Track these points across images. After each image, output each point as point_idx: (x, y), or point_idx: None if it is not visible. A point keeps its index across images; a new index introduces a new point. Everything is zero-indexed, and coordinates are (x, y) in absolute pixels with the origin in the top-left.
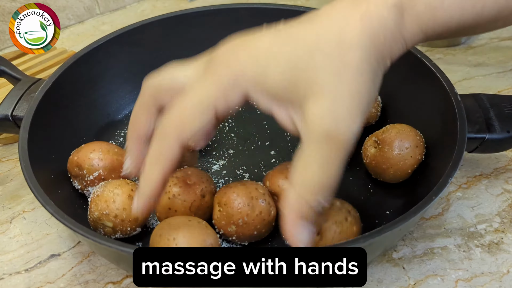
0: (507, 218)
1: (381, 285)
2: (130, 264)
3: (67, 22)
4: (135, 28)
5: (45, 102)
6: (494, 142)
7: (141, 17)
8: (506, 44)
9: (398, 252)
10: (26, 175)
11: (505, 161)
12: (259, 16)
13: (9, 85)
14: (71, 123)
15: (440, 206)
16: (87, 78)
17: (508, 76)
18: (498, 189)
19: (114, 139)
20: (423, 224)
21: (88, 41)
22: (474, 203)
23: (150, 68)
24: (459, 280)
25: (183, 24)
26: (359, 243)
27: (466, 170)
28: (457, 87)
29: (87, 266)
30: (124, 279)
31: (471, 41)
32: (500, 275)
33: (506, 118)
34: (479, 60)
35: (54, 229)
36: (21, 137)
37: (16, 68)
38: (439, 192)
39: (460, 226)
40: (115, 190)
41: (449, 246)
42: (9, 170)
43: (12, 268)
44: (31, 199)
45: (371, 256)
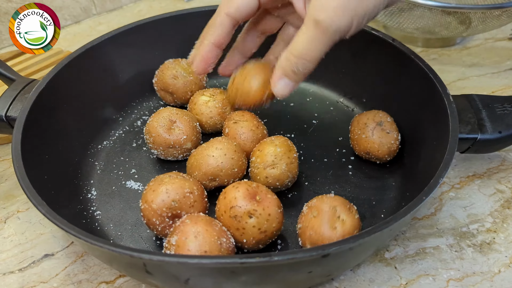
0: (499, 218)
1: (372, 285)
2: (122, 264)
3: (63, 22)
4: (131, 28)
5: (39, 102)
6: (486, 143)
7: (137, 17)
8: (501, 45)
9: (390, 251)
10: (19, 175)
11: (498, 161)
12: None
13: (4, 86)
14: (65, 123)
15: (432, 206)
16: (81, 79)
17: (502, 76)
18: (490, 189)
19: (108, 140)
20: (415, 224)
21: (85, 41)
22: (467, 203)
23: (146, 68)
24: (450, 280)
25: (180, 24)
26: (349, 243)
27: (459, 170)
28: (452, 88)
29: (81, 266)
30: (117, 278)
31: (466, 41)
32: (492, 275)
33: (498, 119)
34: (473, 61)
35: (48, 229)
36: (15, 137)
37: (10, 69)
38: (430, 192)
39: (452, 226)
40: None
41: (441, 246)
42: (4, 170)
43: (6, 268)
44: (25, 199)
45: (362, 256)
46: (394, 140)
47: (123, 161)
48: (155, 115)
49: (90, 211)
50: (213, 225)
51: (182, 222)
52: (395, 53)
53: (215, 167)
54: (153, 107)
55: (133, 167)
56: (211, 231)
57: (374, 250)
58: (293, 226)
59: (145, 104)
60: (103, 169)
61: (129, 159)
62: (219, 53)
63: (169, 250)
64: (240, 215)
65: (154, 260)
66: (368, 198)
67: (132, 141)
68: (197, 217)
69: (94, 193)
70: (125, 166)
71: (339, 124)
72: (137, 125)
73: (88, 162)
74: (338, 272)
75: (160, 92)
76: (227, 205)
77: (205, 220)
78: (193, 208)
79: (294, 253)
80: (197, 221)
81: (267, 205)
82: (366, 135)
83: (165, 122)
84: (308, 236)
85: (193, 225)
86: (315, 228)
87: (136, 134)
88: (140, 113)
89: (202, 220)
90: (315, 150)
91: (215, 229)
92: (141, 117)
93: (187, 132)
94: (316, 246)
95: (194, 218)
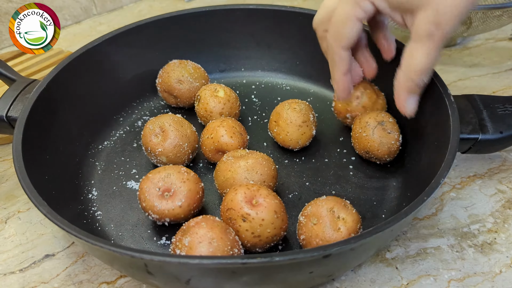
0: (500, 218)
1: (373, 285)
2: (123, 264)
3: (64, 22)
4: (132, 28)
5: (40, 103)
6: (487, 143)
7: (138, 18)
8: (501, 45)
9: (391, 252)
10: (20, 175)
11: (499, 162)
12: (255, 17)
13: (4, 86)
14: (66, 124)
15: (433, 206)
16: (82, 79)
17: (503, 76)
18: (491, 190)
19: (109, 140)
20: (416, 224)
21: (85, 42)
22: (468, 203)
23: (147, 69)
24: (451, 280)
25: (180, 24)
26: (350, 244)
27: (460, 170)
28: (452, 88)
29: (81, 266)
30: (118, 279)
31: (467, 41)
32: (493, 275)
33: (499, 119)
34: (474, 61)
35: (48, 229)
36: (15, 138)
37: (11, 69)
38: (431, 192)
39: (453, 226)
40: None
41: (442, 246)
42: (5, 170)
43: (6, 268)
44: (26, 199)
45: (363, 257)
46: (395, 140)
47: (123, 161)
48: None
49: (91, 212)
50: (228, 234)
51: (197, 224)
52: (395, 53)
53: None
54: (153, 108)
55: (134, 167)
56: (225, 239)
57: (375, 251)
58: (293, 226)
59: (146, 104)
60: (103, 169)
61: (130, 159)
62: (349, 76)
63: (180, 250)
64: (234, 217)
65: (155, 261)
66: (369, 198)
67: (133, 141)
68: (213, 222)
69: (95, 193)
70: (125, 166)
71: (340, 124)
72: (138, 126)
73: (89, 162)
74: (339, 273)
75: (163, 93)
76: (225, 206)
77: (220, 226)
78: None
79: (295, 253)
80: (213, 226)
81: (262, 210)
82: (367, 133)
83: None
84: (315, 245)
85: (208, 230)
86: (319, 235)
87: (137, 134)
88: (140, 113)
89: (218, 227)
90: (316, 150)
91: (229, 238)
92: (141, 117)
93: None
94: (317, 247)
95: (210, 223)
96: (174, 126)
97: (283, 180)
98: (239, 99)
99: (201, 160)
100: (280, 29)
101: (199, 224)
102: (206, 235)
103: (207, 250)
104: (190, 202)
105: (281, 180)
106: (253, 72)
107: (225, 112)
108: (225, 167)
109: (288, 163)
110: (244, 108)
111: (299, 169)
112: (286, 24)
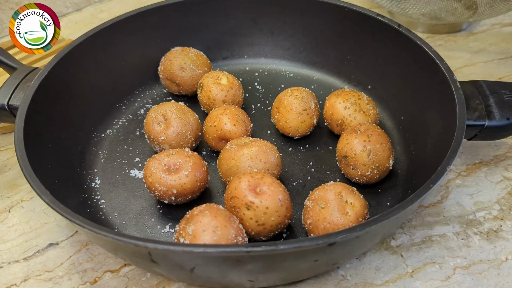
0: (506, 205)
1: (379, 273)
2: (127, 253)
3: (64, 10)
4: (133, 15)
5: (41, 91)
6: (493, 129)
7: (139, 5)
8: (508, 30)
9: (396, 240)
10: (22, 164)
11: (505, 149)
12: (258, 3)
13: (6, 74)
14: (68, 112)
15: (439, 194)
16: (83, 67)
17: (509, 62)
18: (497, 177)
19: (111, 128)
20: (422, 211)
21: (86, 29)
22: (474, 191)
23: (149, 56)
24: (457, 268)
25: (182, 11)
26: (355, 231)
27: (466, 157)
28: (458, 74)
29: (85, 255)
30: (122, 267)
31: (473, 27)
32: (499, 263)
33: (506, 105)
34: (480, 47)
35: (52, 218)
36: (17, 126)
37: (12, 57)
38: (437, 180)
39: (459, 213)
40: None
41: (447, 234)
42: (7, 159)
43: (11, 257)
44: (29, 188)
45: (368, 244)
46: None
47: (126, 150)
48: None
49: (94, 200)
50: (232, 222)
51: (200, 212)
52: (401, 39)
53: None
54: (156, 96)
55: (137, 156)
56: (229, 228)
57: (380, 238)
58: (298, 214)
59: (148, 92)
60: (106, 157)
61: (133, 147)
62: None
63: (184, 238)
64: (238, 206)
65: (159, 249)
66: (373, 186)
67: (136, 129)
68: (217, 210)
69: (98, 182)
70: (128, 154)
71: None
72: (140, 114)
73: (92, 150)
74: (344, 261)
75: (165, 81)
76: (229, 195)
77: (224, 215)
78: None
79: (300, 241)
80: (217, 214)
81: (266, 198)
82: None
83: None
84: (322, 229)
85: (212, 219)
86: (327, 219)
87: (139, 123)
88: (143, 102)
89: (222, 215)
90: (320, 138)
91: (233, 226)
92: (144, 106)
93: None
94: (322, 235)
95: (214, 211)
96: (176, 114)
97: (287, 168)
98: (242, 86)
99: (204, 148)
100: (283, 15)
101: (203, 213)
102: (210, 223)
103: (211, 239)
104: (196, 173)
105: (285, 168)
106: (256, 59)
107: (228, 99)
108: (229, 155)
109: (292, 150)
110: (247, 95)
111: (303, 157)
112: (290, 10)
